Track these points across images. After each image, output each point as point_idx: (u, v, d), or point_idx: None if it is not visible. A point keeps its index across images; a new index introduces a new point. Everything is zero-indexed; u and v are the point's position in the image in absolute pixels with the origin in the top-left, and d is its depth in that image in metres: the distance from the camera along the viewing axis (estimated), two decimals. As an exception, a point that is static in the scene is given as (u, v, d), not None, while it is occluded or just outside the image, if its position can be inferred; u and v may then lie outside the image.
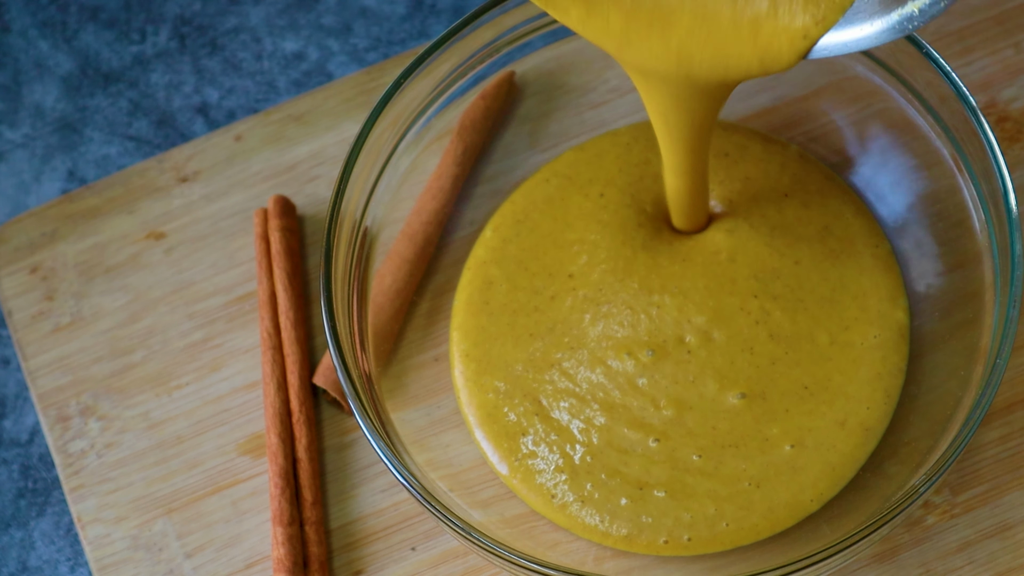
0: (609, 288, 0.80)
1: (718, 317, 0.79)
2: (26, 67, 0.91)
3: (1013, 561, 0.76)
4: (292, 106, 0.87)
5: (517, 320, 0.80)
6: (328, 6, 0.91)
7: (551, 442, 0.78)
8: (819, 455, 0.76)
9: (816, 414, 0.77)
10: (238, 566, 0.79)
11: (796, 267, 0.80)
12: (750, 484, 0.76)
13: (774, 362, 0.78)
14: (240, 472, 0.80)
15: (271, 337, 0.81)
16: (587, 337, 0.79)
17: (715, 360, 0.78)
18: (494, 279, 0.81)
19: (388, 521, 0.79)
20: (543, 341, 0.80)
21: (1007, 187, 0.73)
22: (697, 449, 0.77)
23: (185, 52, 0.91)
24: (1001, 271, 0.73)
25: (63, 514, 0.82)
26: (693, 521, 0.76)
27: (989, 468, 0.78)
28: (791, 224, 0.81)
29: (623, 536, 0.76)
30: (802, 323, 0.78)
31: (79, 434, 0.81)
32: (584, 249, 0.81)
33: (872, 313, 0.79)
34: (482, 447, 0.78)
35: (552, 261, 0.81)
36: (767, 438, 0.77)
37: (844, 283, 0.80)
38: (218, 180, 0.86)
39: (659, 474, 0.77)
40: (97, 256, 0.84)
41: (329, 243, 0.75)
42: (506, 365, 0.79)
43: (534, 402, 0.78)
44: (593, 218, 0.81)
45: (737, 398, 0.77)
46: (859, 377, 0.78)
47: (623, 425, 0.77)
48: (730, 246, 0.80)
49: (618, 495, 0.76)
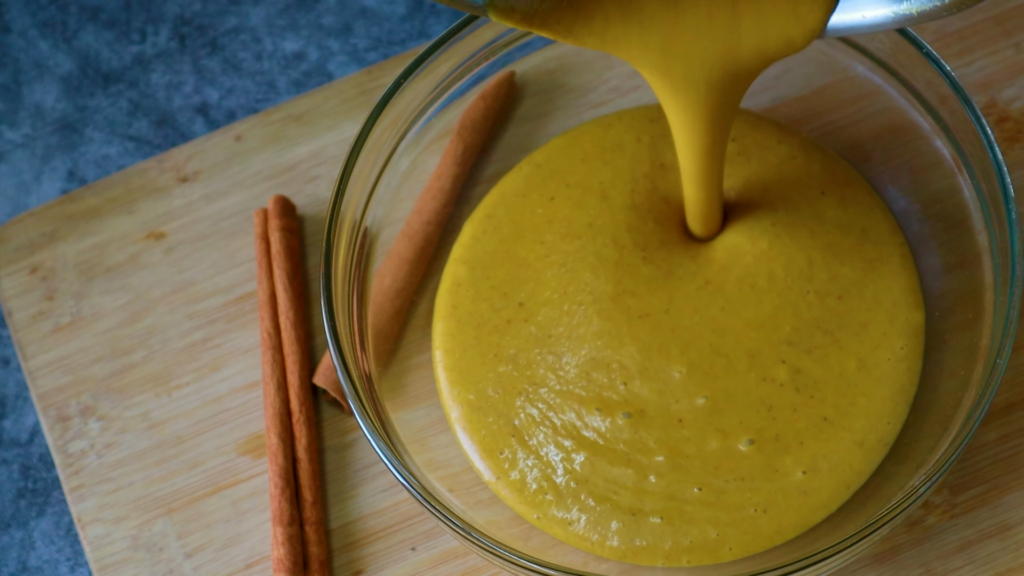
0: (570, 336, 0.76)
1: (728, 394, 0.75)
2: (26, 67, 0.91)
3: (1013, 561, 0.76)
4: (292, 106, 0.87)
5: (482, 336, 0.78)
6: (328, 6, 0.91)
7: (530, 465, 0.76)
8: (834, 477, 0.74)
9: (834, 440, 0.75)
10: (238, 566, 0.79)
11: (838, 303, 0.76)
12: (756, 510, 0.74)
13: (795, 409, 0.75)
14: (240, 472, 0.80)
15: (271, 337, 0.81)
16: (552, 379, 0.76)
17: (718, 421, 0.75)
18: (462, 281, 0.79)
19: (388, 521, 0.79)
20: (509, 367, 0.77)
21: (1007, 187, 0.73)
22: (697, 484, 0.74)
23: (185, 52, 0.91)
24: (1001, 271, 0.73)
25: (63, 514, 0.82)
26: (693, 546, 0.74)
27: (989, 468, 0.78)
28: (825, 240, 0.78)
29: (617, 550, 0.74)
30: (833, 362, 0.76)
31: (79, 434, 0.81)
32: (549, 267, 0.78)
33: (900, 324, 0.77)
34: (467, 453, 0.78)
35: (507, 277, 0.79)
36: (777, 469, 0.75)
37: (879, 299, 0.77)
38: (218, 180, 0.86)
39: (654, 503, 0.74)
40: (97, 256, 0.84)
41: (329, 243, 0.75)
42: (476, 380, 0.78)
43: (508, 423, 0.76)
44: (563, 223, 0.79)
45: (745, 444, 0.75)
46: (882, 394, 0.76)
47: (608, 464, 0.75)
48: (752, 295, 0.76)
49: (608, 519, 0.75)
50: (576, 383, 0.76)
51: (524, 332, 0.77)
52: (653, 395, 0.75)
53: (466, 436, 0.77)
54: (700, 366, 0.76)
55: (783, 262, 0.77)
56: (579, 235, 0.79)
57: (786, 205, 0.79)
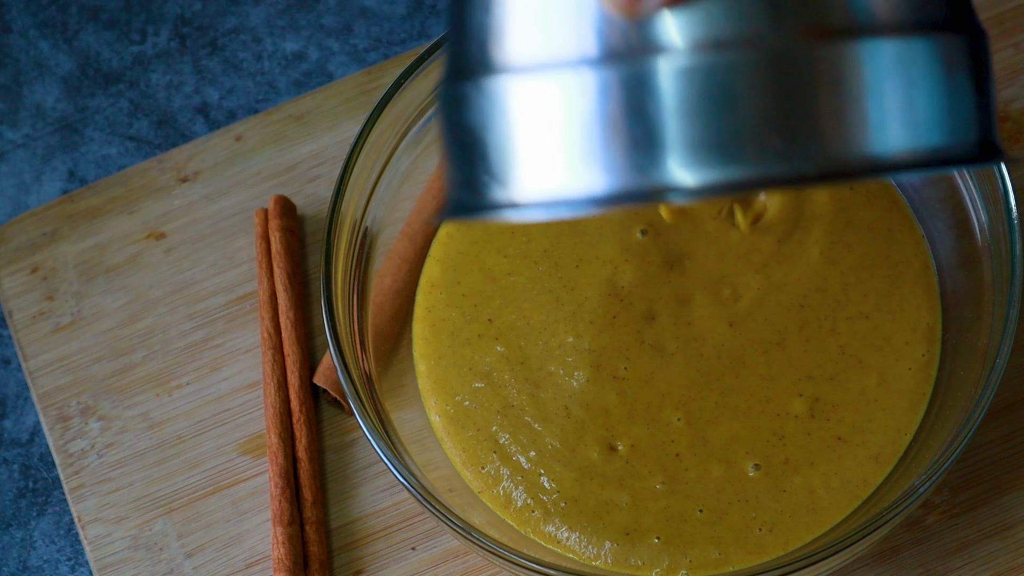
0: (549, 373, 0.74)
1: (734, 434, 0.73)
2: (26, 67, 0.91)
3: (1013, 561, 0.76)
4: (292, 106, 0.87)
5: (456, 347, 0.77)
6: (328, 6, 0.91)
7: (516, 481, 0.74)
8: (847, 493, 0.73)
9: (848, 457, 0.73)
10: (238, 566, 0.79)
11: (866, 322, 0.74)
12: (761, 529, 0.72)
13: (809, 433, 0.73)
14: (240, 472, 0.80)
15: (271, 337, 0.81)
16: (530, 407, 0.75)
17: (722, 453, 0.73)
18: (436, 282, 0.78)
19: (388, 521, 0.79)
20: (484, 383, 0.76)
21: (1007, 187, 0.73)
22: (698, 506, 0.73)
23: (185, 52, 0.91)
24: (1000, 271, 0.73)
25: (63, 514, 0.82)
26: (693, 565, 0.72)
27: (989, 468, 0.78)
28: (851, 257, 0.76)
29: (611, 567, 0.73)
30: (853, 384, 0.74)
31: (79, 434, 0.81)
32: (512, 288, 0.76)
33: (922, 330, 0.75)
34: (455, 463, 0.76)
35: (475, 287, 0.77)
36: (784, 489, 0.73)
37: (903, 307, 0.75)
38: (218, 180, 0.86)
39: (650, 524, 0.73)
40: (97, 256, 0.84)
41: (329, 243, 0.75)
42: (454, 392, 0.76)
43: (489, 439, 0.75)
44: (522, 238, 0.77)
45: (752, 470, 0.73)
46: (901, 406, 0.74)
47: (600, 488, 0.73)
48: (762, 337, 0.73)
49: (601, 538, 0.73)
50: (558, 417, 0.74)
51: (496, 351, 0.76)
52: (645, 435, 0.74)
53: (450, 445, 0.76)
54: (702, 416, 0.74)
55: (818, 298, 0.75)
56: (537, 261, 0.77)
57: (820, 219, 0.76)
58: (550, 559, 0.73)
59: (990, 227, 0.75)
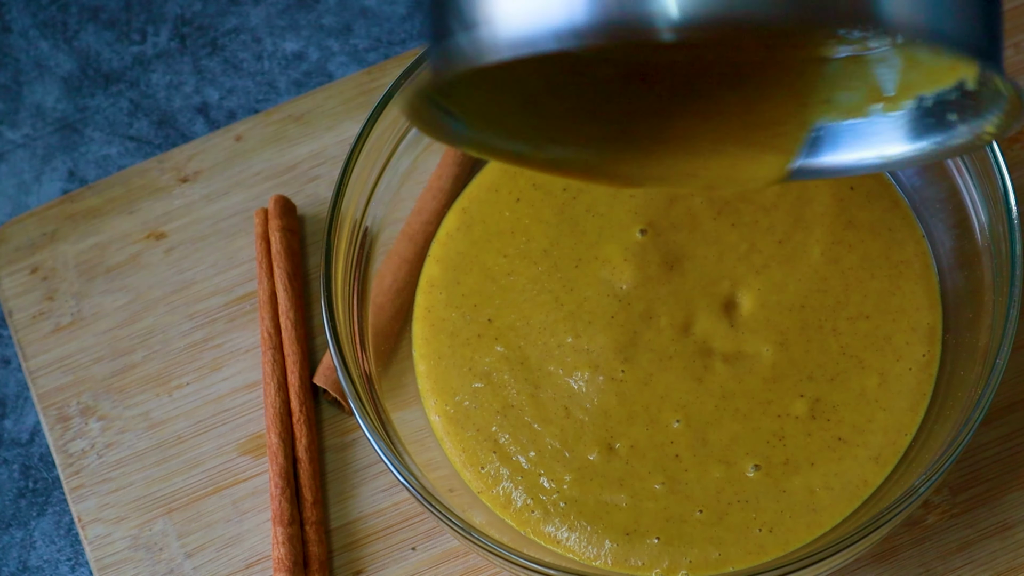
0: (548, 374, 0.74)
1: (734, 436, 0.73)
2: (26, 67, 0.91)
3: (1013, 561, 0.76)
4: (292, 106, 0.87)
5: (456, 347, 0.77)
6: (328, 6, 0.91)
7: (515, 482, 0.74)
8: (847, 493, 0.73)
9: (848, 458, 0.73)
10: (238, 566, 0.79)
11: (867, 323, 0.74)
12: (761, 530, 0.72)
13: (809, 434, 0.73)
14: (240, 472, 0.80)
15: (271, 337, 0.81)
16: (530, 408, 0.75)
17: (722, 454, 0.73)
18: (435, 282, 0.78)
19: (388, 521, 0.79)
20: (483, 384, 0.76)
21: (1007, 187, 0.73)
22: (698, 506, 0.73)
23: (185, 52, 0.91)
24: (1001, 271, 0.73)
25: (63, 514, 0.82)
26: (693, 565, 0.72)
27: (989, 468, 0.78)
28: (852, 257, 0.75)
29: (611, 567, 0.73)
30: (854, 384, 0.74)
31: (79, 434, 0.81)
32: (512, 288, 0.76)
33: (922, 330, 0.75)
34: (455, 463, 0.76)
35: (475, 287, 0.77)
36: (784, 490, 0.73)
37: (903, 307, 0.75)
38: (218, 180, 0.86)
39: (650, 524, 0.73)
40: (97, 256, 0.84)
41: (329, 243, 0.75)
42: (453, 392, 0.76)
43: (488, 439, 0.75)
44: (522, 237, 0.77)
45: (752, 470, 0.73)
46: (901, 407, 0.74)
47: (599, 488, 0.73)
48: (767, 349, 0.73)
49: (601, 538, 0.73)
50: (558, 417, 0.75)
51: (495, 352, 0.76)
52: (645, 436, 0.74)
53: (450, 445, 0.76)
54: (702, 416, 0.74)
55: (818, 298, 0.75)
56: (537, 261, 0.77)
57: (821, 219, 0.76)
58: (550, 559, 0.73)
59: (990, 227, 0.75)
